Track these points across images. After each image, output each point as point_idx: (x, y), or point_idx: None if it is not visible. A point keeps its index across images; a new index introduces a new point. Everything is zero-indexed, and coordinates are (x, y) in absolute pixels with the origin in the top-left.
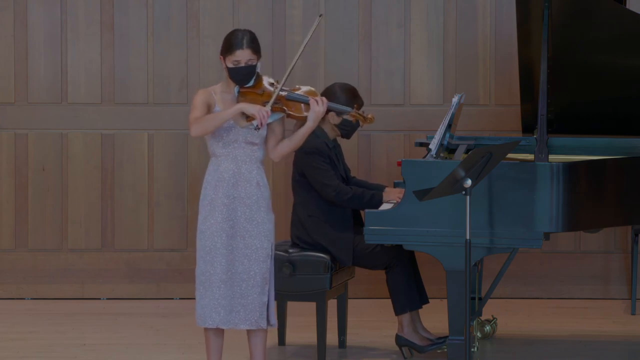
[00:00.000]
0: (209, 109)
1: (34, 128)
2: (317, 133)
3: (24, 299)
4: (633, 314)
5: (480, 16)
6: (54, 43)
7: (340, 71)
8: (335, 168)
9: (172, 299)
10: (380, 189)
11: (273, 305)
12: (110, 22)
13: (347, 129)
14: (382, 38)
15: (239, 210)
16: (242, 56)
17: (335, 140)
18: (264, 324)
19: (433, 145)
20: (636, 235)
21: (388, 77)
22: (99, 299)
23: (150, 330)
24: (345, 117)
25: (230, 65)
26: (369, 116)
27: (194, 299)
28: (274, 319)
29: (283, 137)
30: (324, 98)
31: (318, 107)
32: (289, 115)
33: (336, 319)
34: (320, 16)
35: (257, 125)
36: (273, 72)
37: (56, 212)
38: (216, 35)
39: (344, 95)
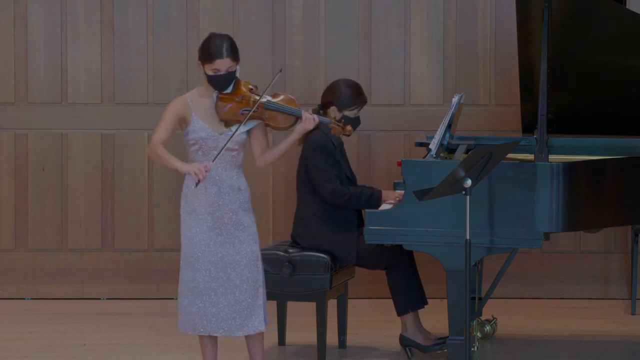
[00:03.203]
0: (183, 121)
1: (34, 128)
2: (323, 130)
3: (24, 299)
4: (633, 314)
5: (480, 16)
6: (54, 43)
7: (340, 71)
8: (340, 167)
9: (172, 299)
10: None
11: (266, 305)
12: (110, 22)
13: (352, 124)
14: (382, 38)
15: (225, 217)
16: (222, 65)
17: (339, 137)
18: (262, 328)
19: (433, 145)
20: (636, 235)
21: (388, 77)
22: (99, 299)
23: (150, 330)
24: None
25: (210, 73)
26: (348, 128)
27: None
28: (267, 318)
29: (267, 143)
30: (315, 116)
31: (308, 124)
32: (267, 125)
33: (336, 319)
34: (280, 71)
35: (196, 184)
36: (273, 72)
37: (56, 212)
38: None
39: (348, 91)
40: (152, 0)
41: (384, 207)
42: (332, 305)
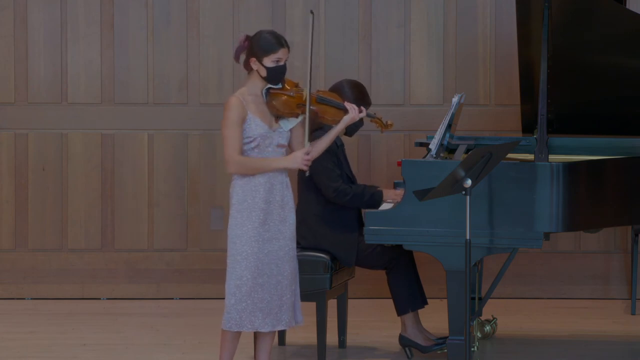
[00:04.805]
0: (242, 121)
1: (34, 128)
2: (327, 130)
3: (24, 299)
4: (633, 314)
5: (480, 16)
6: (54, 43)
7: (340, 71)
8: (342, 167)
9: (172, 299)
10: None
11: (299, 302)
12: (110, 22)
13: (354, 127)
14: (382, 38)
15: (274, 212)
16: (285, 54)
17: (341, 139)
18: (301, 321)
19: (433, 145)
20: (636, 235)
21: (388, 77)
22: (99, 299)
23: (150, 330)
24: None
25: (271, 64)
26: (389, 122)
27: (194, 299)
28: (300, 317)
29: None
30: (362, 108)
31: (355, 114)
32: (321, 118)
33: (336, 319)
34: (311, 12)
35: (307, 172)
36: None
37: (56, 212)
38: (216, 35)
39: (352, 92)
40: (152, 0)
41: (384, 206)
42: (332, 305)
